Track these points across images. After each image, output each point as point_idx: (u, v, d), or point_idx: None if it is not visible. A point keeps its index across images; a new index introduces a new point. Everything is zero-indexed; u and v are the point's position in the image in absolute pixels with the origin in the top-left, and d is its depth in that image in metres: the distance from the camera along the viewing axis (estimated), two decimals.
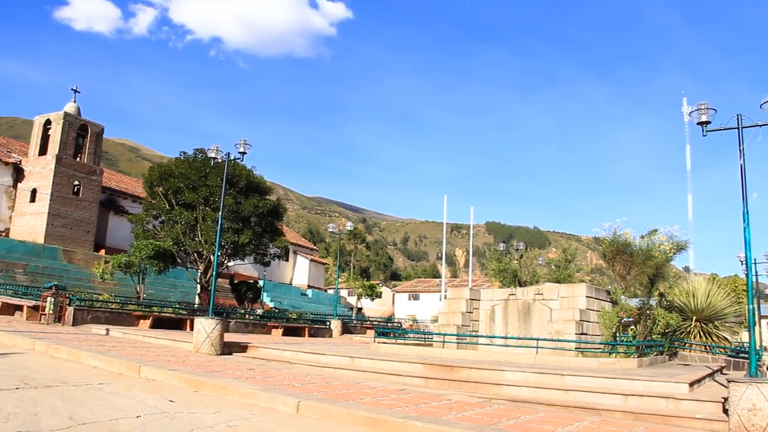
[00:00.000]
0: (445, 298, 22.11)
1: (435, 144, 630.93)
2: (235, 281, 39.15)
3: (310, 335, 32.55)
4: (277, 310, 39.51)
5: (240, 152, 19.14)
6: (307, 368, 15.58)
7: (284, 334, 30.60)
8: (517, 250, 28.35)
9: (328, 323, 36.05)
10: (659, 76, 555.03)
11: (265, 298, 46.06)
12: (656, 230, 20.27)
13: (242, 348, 18.58)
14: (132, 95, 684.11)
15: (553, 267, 25.98)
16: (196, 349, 17.13)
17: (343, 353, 17.08)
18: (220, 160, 20.12)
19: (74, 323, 22.45)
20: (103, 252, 41.50)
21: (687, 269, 67.35)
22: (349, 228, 44.41)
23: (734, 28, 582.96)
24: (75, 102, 42.12)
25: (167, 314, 26.94)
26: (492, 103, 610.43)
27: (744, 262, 10.85)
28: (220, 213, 19.94)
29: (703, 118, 11.91)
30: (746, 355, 18.14)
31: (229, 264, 36.49)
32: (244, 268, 47.58)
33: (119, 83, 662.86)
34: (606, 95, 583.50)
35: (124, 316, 24.90)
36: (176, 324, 26.37)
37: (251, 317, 32.05)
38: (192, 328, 18.44)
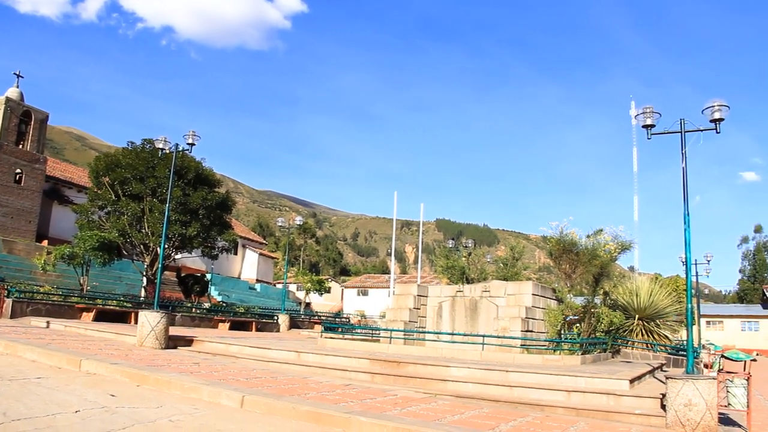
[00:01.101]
0: (394, 294, 22.15)
1: (387, 140, 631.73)
2: (183, 274, 38.61)
3: (258, 330, 32.32)
4: (224, 304, 39.04)
5: (189, 144, 18.88)
6: (253, 363, 15.46)
7: (231, 328, 30.33)
8: (466, 247, 28.55)
9: (275, 318, 35.80)
10: (609, 79, 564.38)
11: (213, 291, 45.54)
12: (602, 230, 20.64)
13: (188, 342, 18.36)
14: (79, 83, 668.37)
15: (500, 265, 26.22)
16: (140, 343, 16.86)
17: (289, 348, 16.99)
18: (168, 151, 19.84)
19: (12, 316, 21.85)
20: (45, 243, 40.43)
21: (632, 269, 68.79)
22: (298, 222, 44.16)
23: (680, 34, 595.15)
24: (18, 87, 40.87)
25: (111, 307, 26.44)
26: (445, 101, 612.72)
27: (685, 263, 11.11)
28: (167, 205, 19.65)
29: (648, 122, 12.15)
30: (685, 353, 18.62)
31: (177, 257, 35.97)
32: (192, 261, 46.96)
33: (66, 70, 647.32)
34: (557, 96, 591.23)
35: (66, 308, 24.33)
36: (121, 317, 25.90)
37: (198, 311, 31.65)
38: (137, 322, 18.13)
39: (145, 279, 33.38)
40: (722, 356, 12.36)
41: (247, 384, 10.92)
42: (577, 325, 20.96)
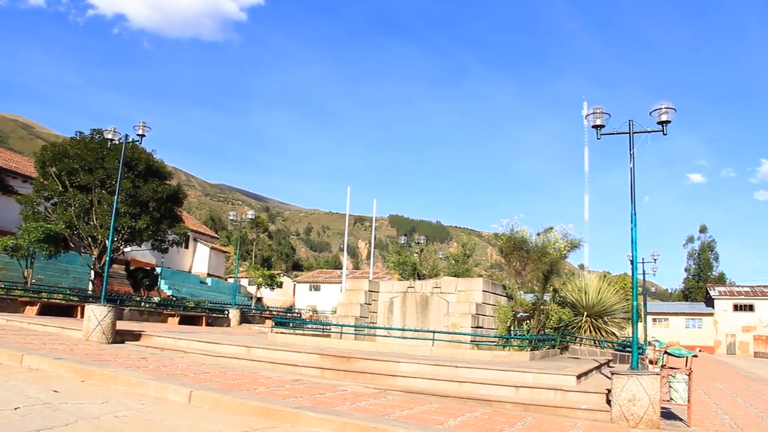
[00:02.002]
0: (345, 289, 22.15)
1: (341, 135, 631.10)
2: (132, 268, 38.09)
3: (208, 324, 32.02)
4: (174, 298, 38.63)
5: (139, 134, 18.57)
6: (202, 357, 15.31)
7: (181, 322, 29.97)
8: (418, 243, 28.69)
9: (226, 312, 35.49)
10: (562, 79, 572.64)
11: (163, 285, 45.02)
12: (552, 228, 20.90)
13: (135, 336, 18.08)
14: (26, 69, 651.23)
15: (452, 261, 26.37)
16: (86, 337, 16.56)
17: (239, 343, 16.87)
18: (117, 142, 19.48)
19: None
20: None
21: (582, 267, 69.80)
22: (250, 216, 43.80)
23: (632, 38, 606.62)
24: None
25: (57, 300, 25.91)
26: (400, 98, 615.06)
27: (631, 261, 11.37)
28: (116, 197, 19.28)
29: (598, 122, 12.35)
30: (631, 349, 18.98)
31: (126, 250, 35.39)
32: (142, 254, 46.30)
33: (12, 55, 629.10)
34: (512, 94, 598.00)
35: (8, 302, 23.69)
36: (66, 311, 25.37)
37: (147, 305, 31.22)
38: (83, 316, 17.78)
39: (92, 272, 32.79)
40: (665, 353, 12.63)
41: (195, 379, 10.83)
42: (527, 321, 21.21)
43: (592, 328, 23.31)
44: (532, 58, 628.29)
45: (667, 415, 11.23)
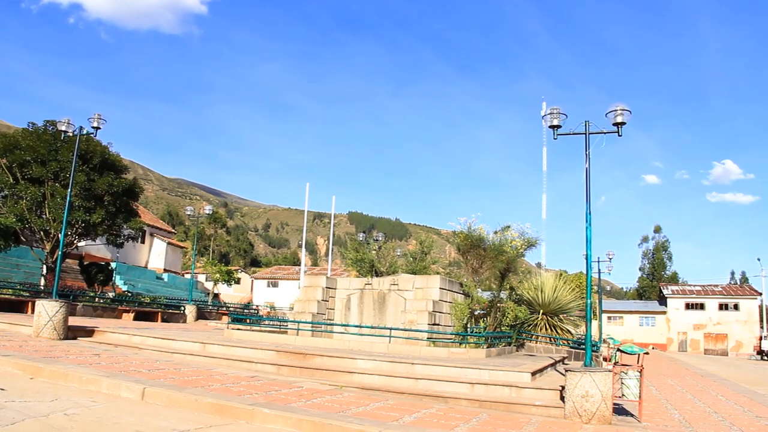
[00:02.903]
0: (302, 286, 22.06)
1: (301, 131, 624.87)
2: (85, 263, 37.43)
3: (163, 320, 31.67)
4: (129, 294, 38.06)
5: (94, 127, 18.26)
6: (156, 354, 15.14)
7: (136, 318, 29.61)
8: (376, 240, 28.73)
9: (182, 308, 35.12)
10: (522, 79, 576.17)
11: (118, 280, 44.37)
12: (509, 226, 21.00)
13: (88, 332, 17.80)
14: None
15: (410, 258, 26.44)
16: (37, 334, 16.25)
17: (195, 339, 16.70)
18: (71, 134, 19.11)
19: None
20: None
21: (539, 265, 70.56)
22: (207, 211, 43.39)
23: (592, 40, 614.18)
24: None
25: (6, 296, 25.36)
26: (361, 95, 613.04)
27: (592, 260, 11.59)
28: (70, 190, 18.89)
29: (555, 122, 12.48)
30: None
31: (80, 244, 34.89)
32: (96, 249, 45.65)
33: None
34: (472, 93, 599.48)
35: None
36: (17, 307, 24.87)
37: (101, 300, 30.72)
38: (34, 311, 17.44)
39: (44, 267, 32.24)
40: (618, 350, 12.83)
41: (149, 376, 10.70)
42: (484, 319, 21.34)
43: (548, 325, 23.53)
44: (493, 57, 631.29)
45: (619, 410, 11.42)
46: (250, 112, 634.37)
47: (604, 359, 23.86)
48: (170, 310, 34.06)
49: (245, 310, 46.21)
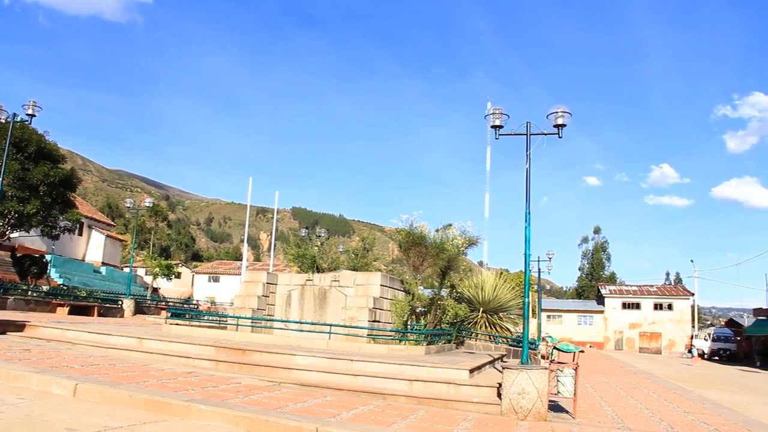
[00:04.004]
0: (243, 281, 21.87)
1: (246, 125, 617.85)
2: (18, 255, 36.47)
3: (100, 315, 31.05)
4: (65, 288, 37.19)
5: (28, 114, 17.77)
6: (91, 349, 14.83)
7: (71, 313, 28.96)
8: (319, 236, 28.64)
9: (120, 303, 34.51)
10: (469, 78, 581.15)
11: (53, 273, 43.29)
12: (451, 225, 21.18)
13: (19, 327, 17.32)
14: None
15: (352, 255, 26.42)
16: None
17: (131, 334, 16.41)
18: (4, 121, 18.55)
19: None
20: None
21: (481, 264, 71.27)
22: (148, 204, 42.68)
23: (537, 43, 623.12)
24: None
25: None
26: (308, 90, 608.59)
27: (532, 259, 11.80)
28: (1, 179, 18.38)
29: (497, 123, 12.63)
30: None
31: (12, 235, 33.95)
32: (31, 240, 44.43)
33: None
34: (419, 91, 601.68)
35: None
36: None
37: (34, 294, 29.98)
38: None
39: None
40: (554, 348, 13.06)
41: (82, 371, 10.47)
42: (425, 316, 21.48)
43: (487, 323, 23.79)
44: (440, 56, 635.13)
45: (555, 407, 11.62)
46: (194, 105, 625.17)
47: (543, 357, 24.23)
48: (107, 305, 33.41)
49: (185, 305, 45.68)
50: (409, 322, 20.45)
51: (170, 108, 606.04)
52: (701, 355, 58.82)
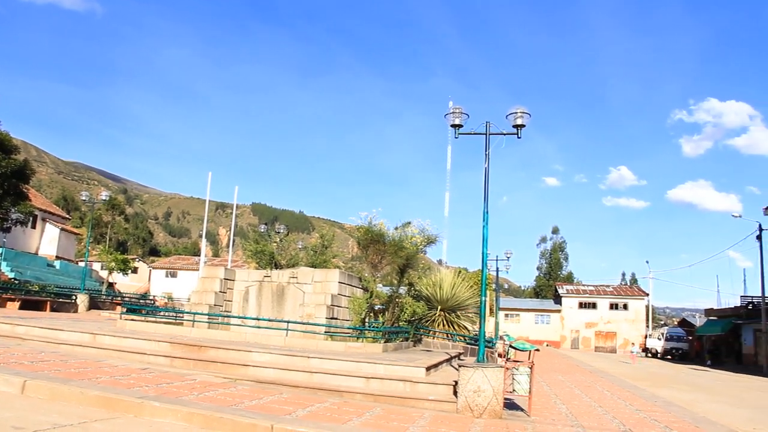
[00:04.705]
0: (200, 277, 21.66)
1: (206, 119, 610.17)
2: None
3: (53, 310, 30.52)
4: (16, 282, 36.44)
5: None
6: (42, 345, 14.56)
7: (22, 307, 28.44)
8: (278, 233, 28.44)
9: (74, 297, 33.94)
10: (430, 77, 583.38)
11: (4, 267, 42.35)
12: (410, 223, 21.22)
13: None
14: None
15: (311, 252, 26.34)
16: None
17: (84, 329, 16.12)
18: None
19: None
20: None
21: (440, 262, 71.56)
22: (104, 197, 41.99)
23: (499, 44, 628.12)
24: None
25: None
26: (268, 85, 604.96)
27: (490, 258, 11.92)
28: None
29: (457, 122, 12.68)
30: None
31: None
32: None
33: None
34: (380, 89, 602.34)
35: None
36: None
37: None
38: None
39: None
40: (510, 346, 13.16)
41: (32, 368, 10.29)
42: (383, 313, 21.49)
43: (445, 321, 23.91)
44: (402, 54, 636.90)
45: (510, 405, 11.71)
46: (154, 97, 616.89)
47: (500, 356, 24.42)
48: (60, 299, 32.85)
49: (141, 301, 45.09)
50: (367, 320, 20.46)
51: (129, 100, 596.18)
52: (654, 354, 59.85)
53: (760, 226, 43.56)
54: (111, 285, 53.34)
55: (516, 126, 12.39)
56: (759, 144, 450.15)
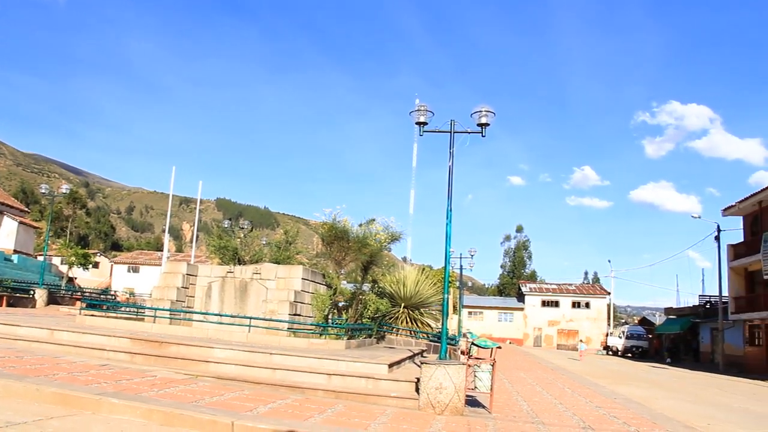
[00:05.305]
0: (162, 272, 21.44)
1: (171, 113, 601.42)
2: None
3: (9, 305, 29.94)
4: None
5: None
6: None
7: None
8: (242, 228, 28.30)
9: (32, 292, 33.37)
10: (397, 75, 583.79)
11: None
12: (374, 220, 21.24)
13: None
14: None
15: (274, 248, 26.22)
16: None
17: (42, 325, 15.84)
18: None
19: None
20: None
21: (405, 259, 71.67)
22: (64, 191, 41.20)
23: (466, 43, 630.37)
24: None
25: None
26: (235, 80, 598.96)
27: (452, 256, 12.01)
28: None
29: (422, 119, 12.72)
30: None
31: None
32: None
33: None
34: (347, 86, 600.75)
35: None
36: None
37: None
38: None
39: None
40: (473, 344, 13.23)
41: None
42: (347, 310, 21.48)
43: (408, 318, 23.96)
44: (370, 52, 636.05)
45: (472, 402, 11.79)
46: (117, 89, 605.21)
47: (462, 353, 24.55)
48: (18, 294, 32.24)
49: (102, 296, 44.52)
50: (330, 317, 20.43)
51: (91, 92, 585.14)
52: (615, 352, 60.64)
53: (718, 227, 44.49)
54: (71, 280, 52.57)
55: (480, 125, 12.45)
56: (719, 147, 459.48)
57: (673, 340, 57.41)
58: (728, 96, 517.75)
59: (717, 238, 44.24)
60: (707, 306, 51.92)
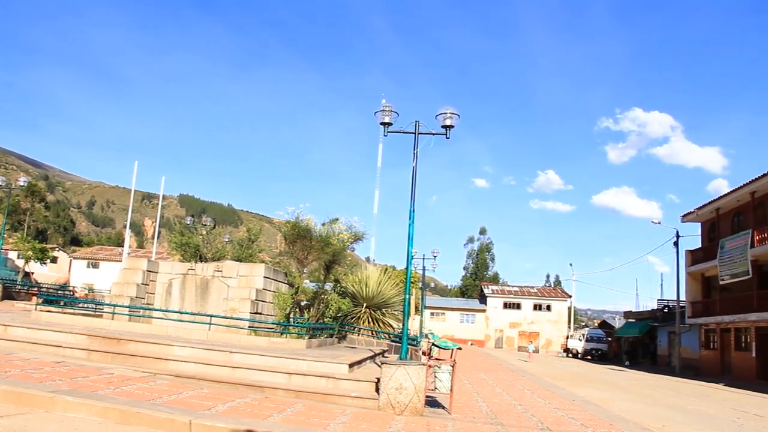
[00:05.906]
0: (122, 268, 21.16)
1: (134, 107, 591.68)
2: None
3: None
4: None
5: None
6: None
7: None
8: (204, 225, 28.04)
9: None
10: (365, 74, 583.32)
11: None
12: (337, 219, 21.21)
13: None
14: None
15: (237, 245, 26.04)
16: None
17: None
18: None
19: None
20: None
21: (368, 259, 71.68)
22: (21, 183, 40.44)
23: (433, 44, 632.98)
24: None
25: None
26: (199, 76, 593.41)
27: (415, 257, 12.04)
28: None
29: (386, 120, 12.73)
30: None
31: None
32: None
33: None
34: (314, 84, 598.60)
35: None
36: None
37: None
38: None
39: None
40: (433, 344, 13.28)
41: None
42: (309, 309, 21.42)
43: (370, 318, 23.98)
44: (337, 50, 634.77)
45: (432, 403, 11.82)
46: (77, 80, 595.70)
47: (424, 353, 24.62)
48: None
49: (59, 291, 43.82)
50: (292, 315, 20.35)
51: (51, 82, 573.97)
52: (575, 355, 61.33)
53: (677, 232, 45.29)
54: (27, 275, 51.69)
55: (445, 126, 12.51)
56: (679, 154, 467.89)
57: (632, 343, 58.18)
58: (689, 104, 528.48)
59: (676, 244, 45.04)
60: (665, 310, 52.72)
